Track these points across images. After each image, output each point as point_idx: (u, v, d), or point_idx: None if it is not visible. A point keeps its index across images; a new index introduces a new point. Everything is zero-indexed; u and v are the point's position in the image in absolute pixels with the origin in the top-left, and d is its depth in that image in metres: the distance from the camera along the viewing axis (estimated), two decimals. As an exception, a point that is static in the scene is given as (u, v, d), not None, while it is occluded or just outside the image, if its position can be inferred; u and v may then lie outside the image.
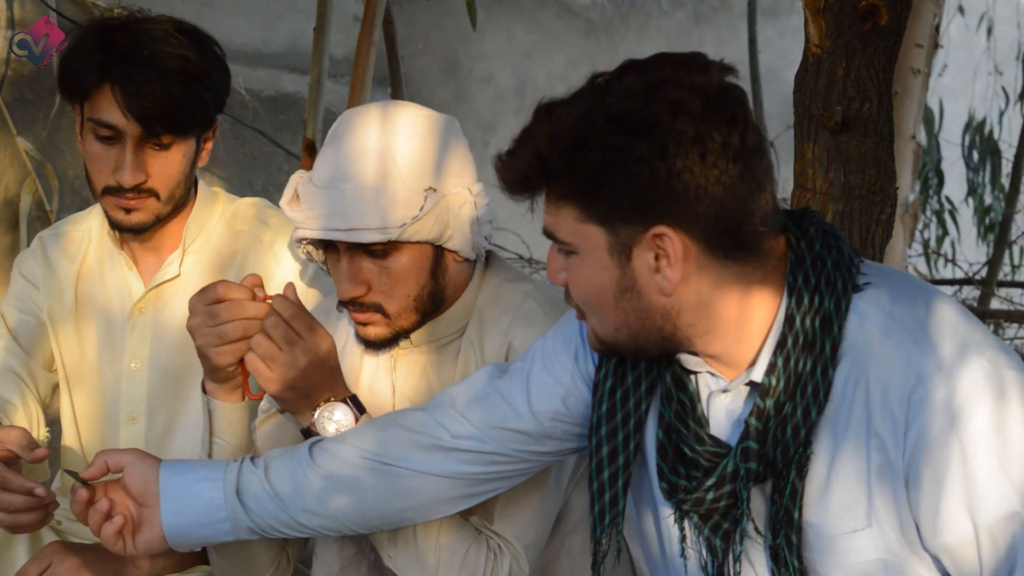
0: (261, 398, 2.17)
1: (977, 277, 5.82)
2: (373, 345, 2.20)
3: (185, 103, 2.49)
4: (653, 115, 1.68)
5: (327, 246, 2.16)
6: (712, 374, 1.84)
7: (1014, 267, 6.35)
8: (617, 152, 1.69)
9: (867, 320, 1.76)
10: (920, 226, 6.38)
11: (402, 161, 2.10)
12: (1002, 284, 5.84)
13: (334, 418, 2.07)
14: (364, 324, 2.18)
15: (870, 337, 1.75)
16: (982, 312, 5.48)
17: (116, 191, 2.52)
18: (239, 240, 2.66)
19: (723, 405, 1.83)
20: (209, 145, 2.64)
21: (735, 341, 1.79)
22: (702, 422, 1.83)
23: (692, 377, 1.85)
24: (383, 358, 2.25)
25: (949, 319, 1.76)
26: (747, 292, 1.76)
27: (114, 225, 2.58)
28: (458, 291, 2.23)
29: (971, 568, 1.72)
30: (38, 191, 3.66)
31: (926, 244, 6.48)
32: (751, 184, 1.71)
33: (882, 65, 2.30)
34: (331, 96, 4.32)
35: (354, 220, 2.07)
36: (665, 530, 1.91)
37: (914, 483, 1.72)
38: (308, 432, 2.10)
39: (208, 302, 2.04)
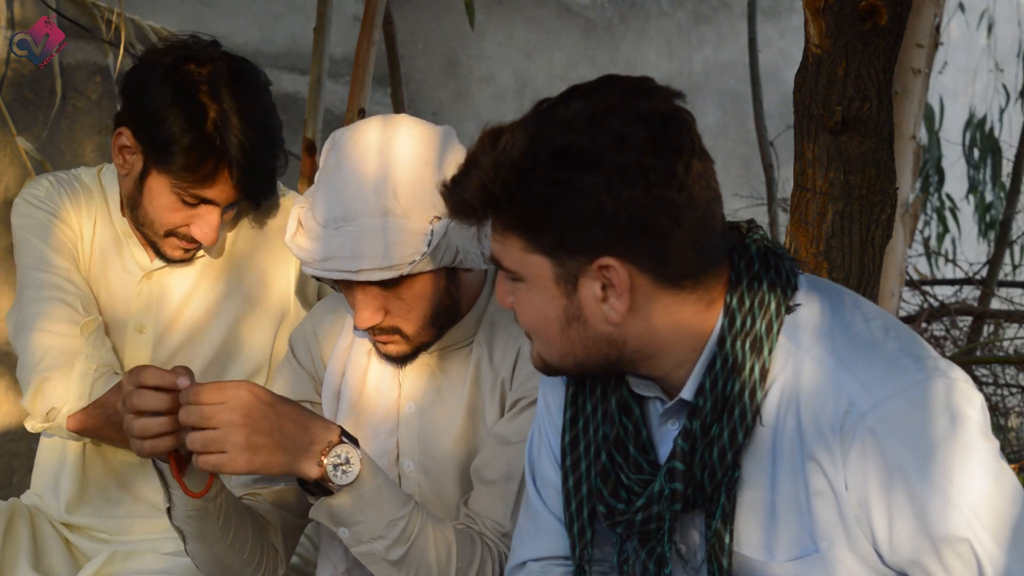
0: (204, 494, 2.04)
1: (977, 277, 5.82)
2: (395, 360, 2.21)
3: (275, 171, 2.55)
4: (598, 148, 1.66)
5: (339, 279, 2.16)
6: (662, 400, 1.83)
7: (1015, 267, 6.35)
8: (561, 186, 1.67)
9: (797, 343, 1.75)
10: (920, 224, 6.37)
11: (404, 195, 2.07)
12: (1002, 284, 5.84)
13: (350, 465, 2.00)
14: (385, 343, 2.18)
15: (800, 361, 1.74)
16: (982, 312, 5.48)
17: (187, 239, 2.55)
18: (275, 232, 2.69)
19: (671, 430, 1.83)
20: None
21: (678, 364, 1.78)
22: (646, 448, 1.83)
23: (641, 402, 1.84)
24: None
25: (880, 338, 1.75)
26: (693, 317, 1.75)
27: (162, 256, 2.60)
28: (473, 299, 2.24)
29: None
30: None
31: (926, 243, 6.48)
32: (697, 213, 1.70)
33: (882, 65, 2.30)
34: (331, 96, 4.32)
35: (362, 262, 2.06)
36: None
37: (862, 506, 1.71)
38: (317, 486, 2.03)
39: (132, 385, 1.96)
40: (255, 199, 2.55)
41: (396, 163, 2.08)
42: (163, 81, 2.48)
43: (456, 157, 2.11)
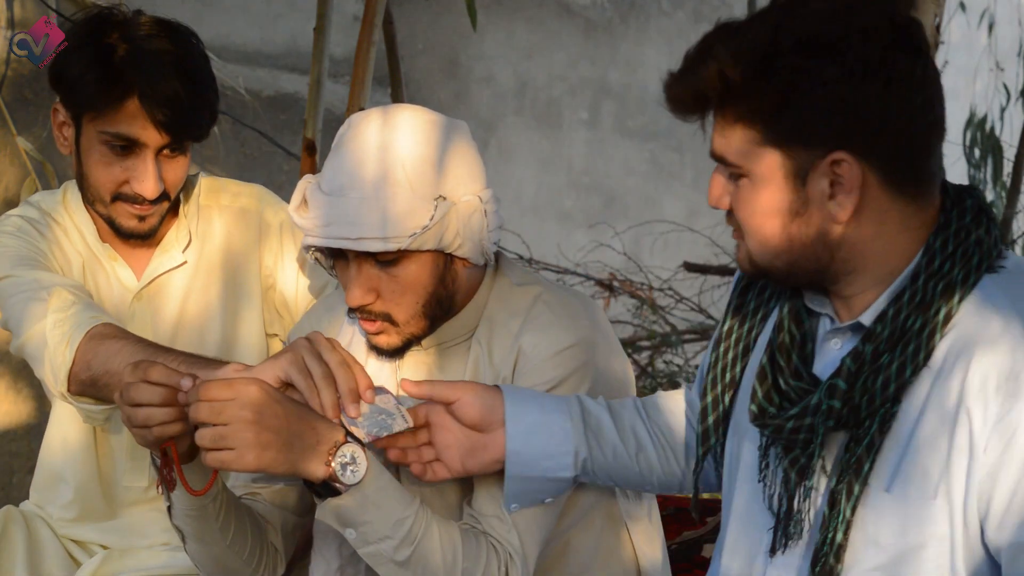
0: (206, 491, 2.03)
1: (978, 276, 5.81)
2: (385, 353, 2.20)
3: (201, 108, 2.47)
4: (844, 39, 1.67)
5: (336, 254, 2.15)
6: (831, 318, 1.84)
7: (1015, 266, 6.34)
8: (805, 74, 1.67)
9: (990, 302, 1.73)
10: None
11: (411, 169, 2.08)
12: (1003, 283, 5.83)
13: (356, 465, 2.00)
14: (375, 333, 2.18)
15: (988, 319, 1.72)
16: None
17: (133, 200, 2.48)
18: (246, 222, 2.66)
19: (834, 348, 1.83)
20: None
21: (871, 285, 1.78)
22: (808, 359, 1.83)
23: (812, 316, 1.86)
24: None
25: None
26: (900, 236, 1.76)
27: (121, 232, 2.53)
28: (468, 295, 2.23)
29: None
30: (38, 191, 3.66)
31: (926, 242, 6.48)
32: (930, 118, 1.72)
33: (882, 64, 2.30)
34: (331, 96, 4.33)
35: (363, 229, 2.05)
36: (745, 454, 1.92)
37: (991, 477, 1.69)
38: (325, 487, 2.02)
39: (135, 378, 1.96)
40: (180, 135, 2.45)
41: (405, 141, 2.09)
42: (79, 42, 2.46)
43: (462, 148, 2.14)
